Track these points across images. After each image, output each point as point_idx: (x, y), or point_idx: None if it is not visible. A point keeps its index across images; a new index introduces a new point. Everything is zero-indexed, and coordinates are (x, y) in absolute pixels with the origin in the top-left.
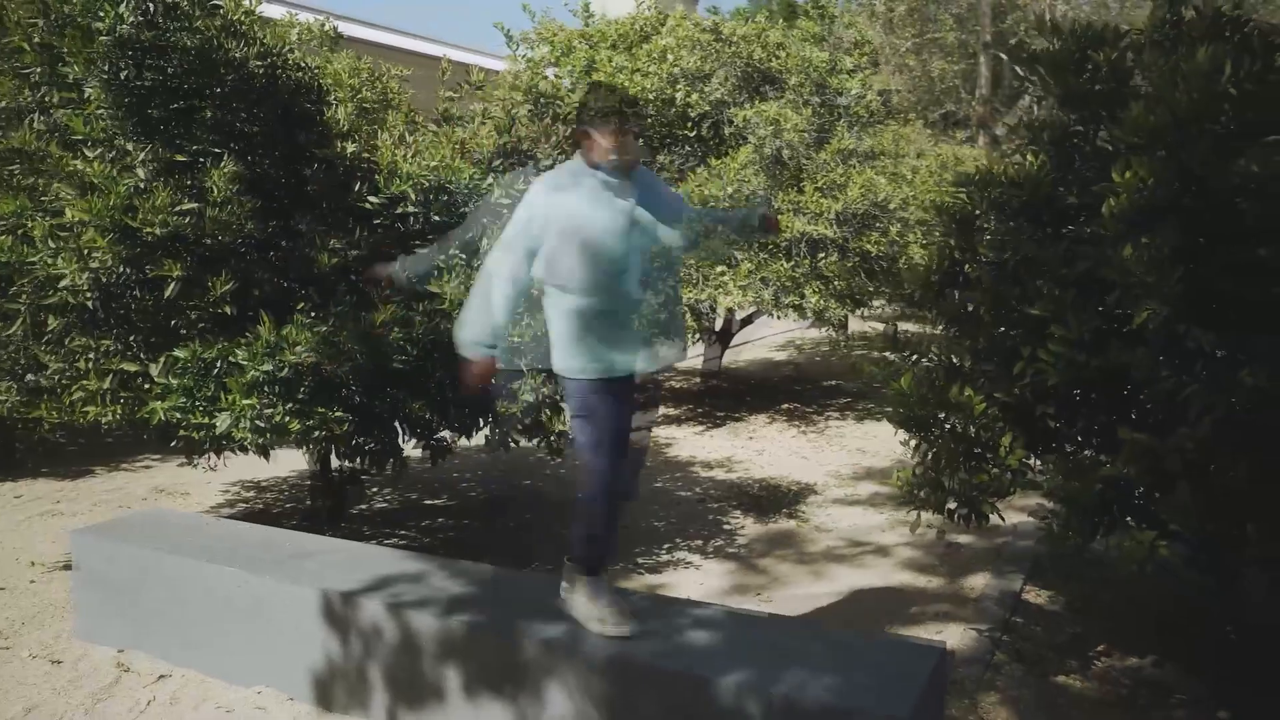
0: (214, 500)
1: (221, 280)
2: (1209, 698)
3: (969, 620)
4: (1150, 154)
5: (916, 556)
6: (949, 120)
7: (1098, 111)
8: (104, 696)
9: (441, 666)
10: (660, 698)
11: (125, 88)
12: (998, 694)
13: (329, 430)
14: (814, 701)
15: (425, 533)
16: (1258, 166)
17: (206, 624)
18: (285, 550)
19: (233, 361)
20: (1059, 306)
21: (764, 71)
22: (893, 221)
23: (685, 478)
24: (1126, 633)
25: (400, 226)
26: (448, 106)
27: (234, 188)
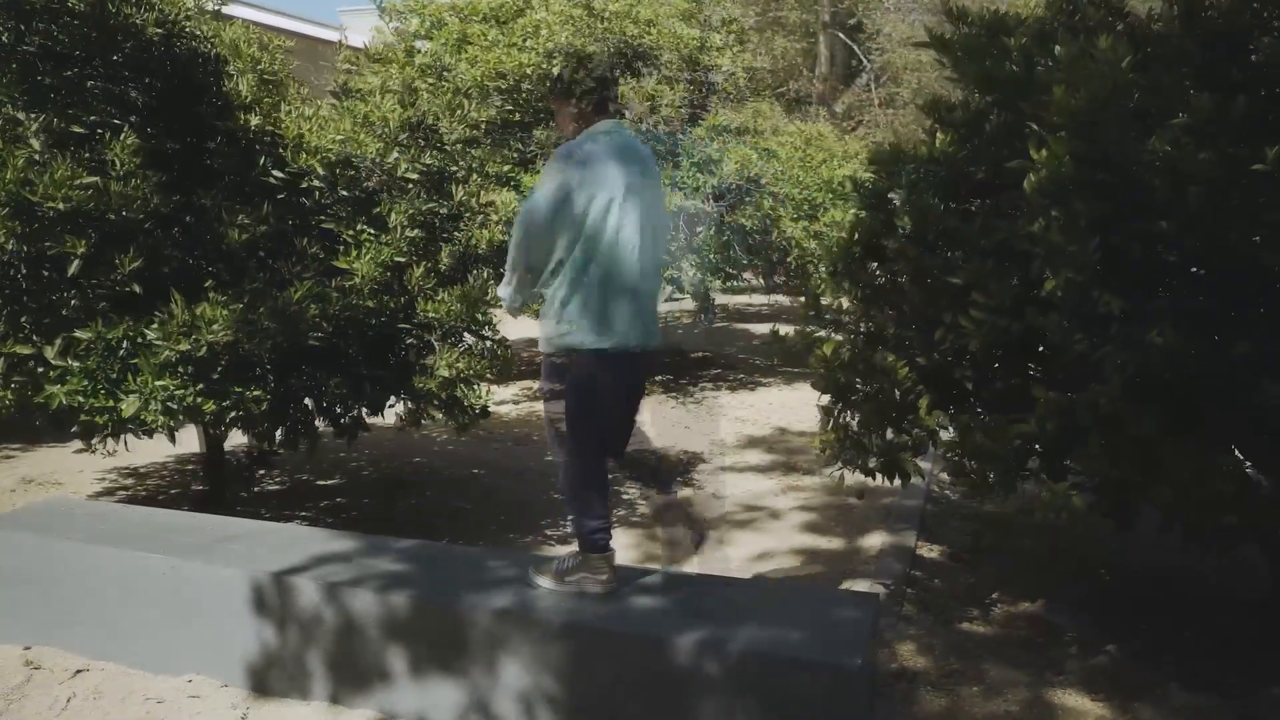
0: (91, 489)
1: (130, 258)
2: (1095, 635)
3: (873, 576)
4: (1069, 133)
5: (812, 519)
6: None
7: (1009, 94)
8: (16, 696)
9: (384, 644)
10: (616, 661)
11: (10, 51)
12: (913, 642)
13: (245, 410)
14: (769, 655)
15: (327, 513)
16: (1169, 146)
17: (127, 614)
18: (209, 534)
19: (141, 342)
20: (980, 275)
21: (636, 48)
22: (765, 196)
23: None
24: (1013, 580)
25: (305, 201)
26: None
27: (137, 160)
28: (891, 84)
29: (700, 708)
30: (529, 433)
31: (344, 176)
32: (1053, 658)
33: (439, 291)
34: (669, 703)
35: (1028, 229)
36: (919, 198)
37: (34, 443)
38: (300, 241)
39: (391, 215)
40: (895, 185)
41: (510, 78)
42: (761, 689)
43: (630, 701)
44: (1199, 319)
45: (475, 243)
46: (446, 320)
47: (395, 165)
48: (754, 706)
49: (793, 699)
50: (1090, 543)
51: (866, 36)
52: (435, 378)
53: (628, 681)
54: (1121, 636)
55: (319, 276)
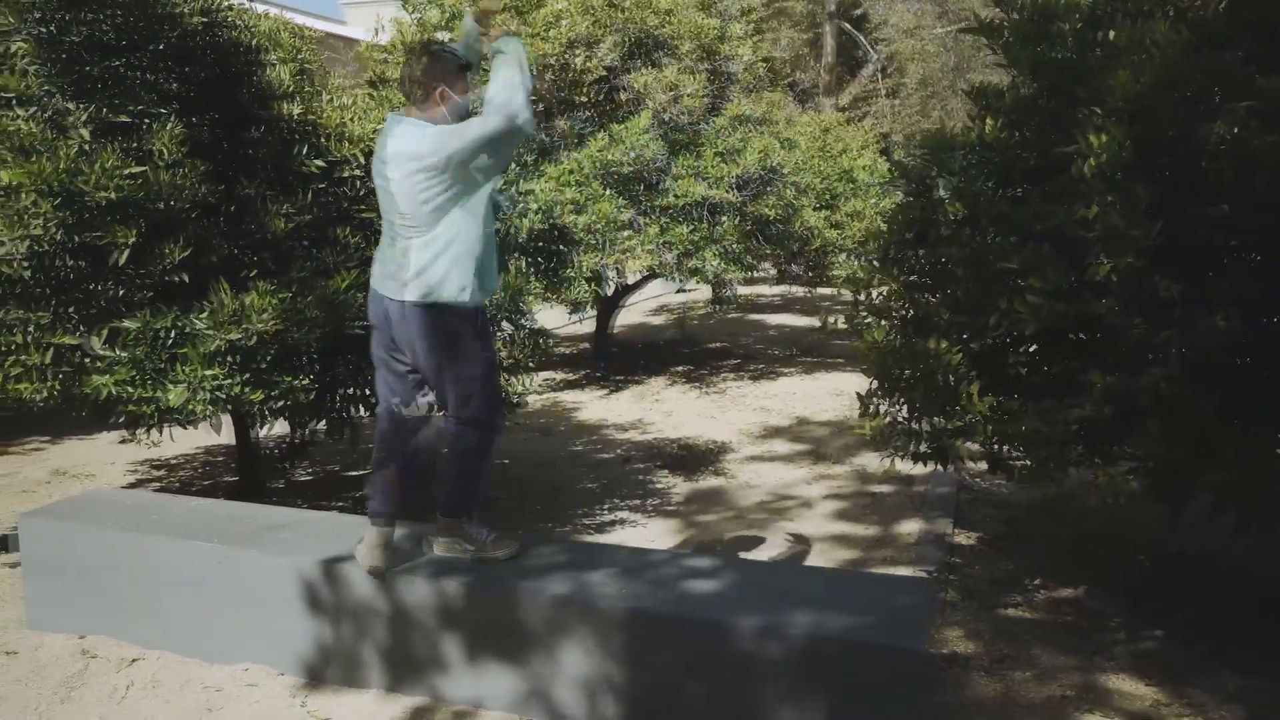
0: (123, 480)
1: (178, 247)
2: (1139, 620)
3: (913, 562)
4: (1129, 117)
5: (845, 507)
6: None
7: (1062, 79)
8: (77, 684)
9: (438, 631)
10: (680, 647)
11: (58, 42)
12: (959, 628)
13: (293, 399)
14: (835, 639)
15: (360, 503)
16: (1238, 128)
17: (178, 603)
18: (256, 524)
19: (188, 332)
20: (1036, 260)
21: (655, 37)
22: (786, 186)
23: (601, 440)
24: (1051, 566)
25: (344, 190)
26: (383, 69)
27: (183, 150)
28: (898, 74)
29: (764, 692)
30: (554, 423)
31: None
32: (1100, 642)
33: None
34: (732, 688)
35: (1083, 214)
36: (970, 183)
37: (62, 435)
38: (340, 231)
39: None
40: (944, 171)
41: (532, 68)
42: (826, 672)
43: (693, 687)
44: (1260, 303)
45: (516, 231)
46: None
47: None
48: (819, 690)
49: (858, 683)
50: (1124, 527)
51: (872, 26)
52: None
53: (690, 667)
54: (1167, 621)
55: (361, 266)
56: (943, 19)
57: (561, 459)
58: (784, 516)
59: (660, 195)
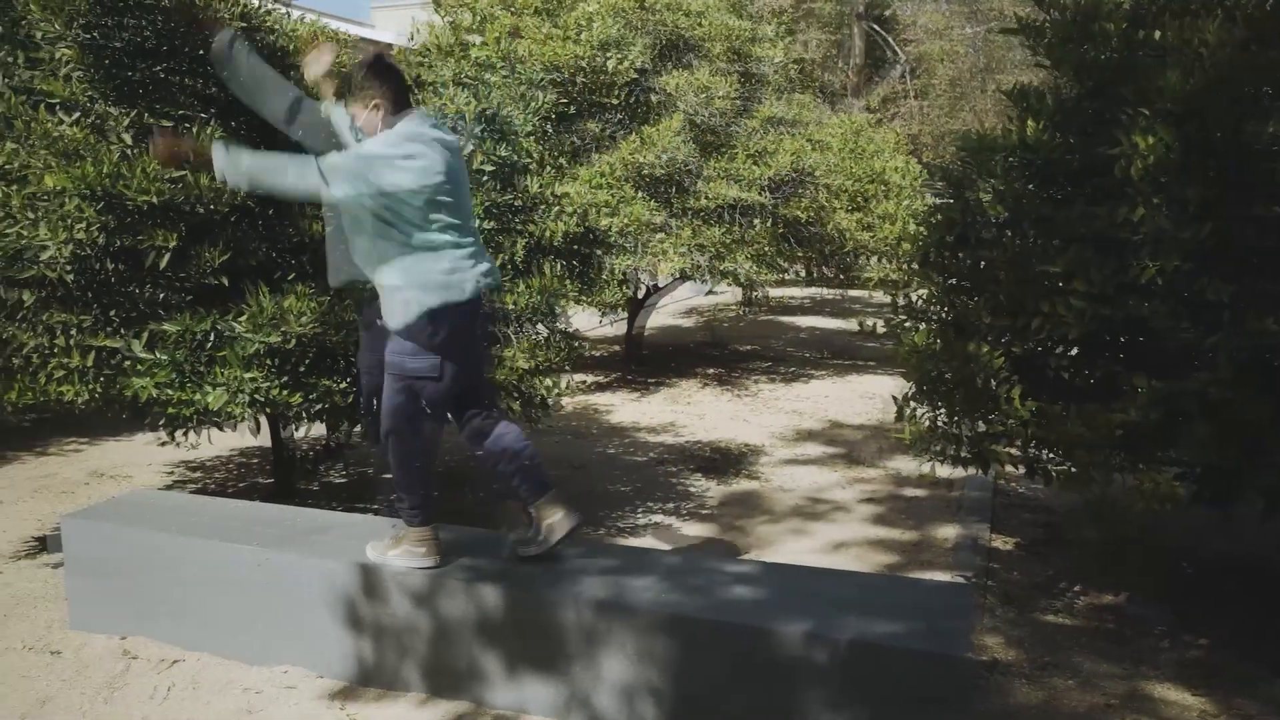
0: (160, 482)
1: (217, 251)
2: (1182, 627)
3: (950, 567)
4: (1177, 117)
5: (880, 511)
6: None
7: (1106, 80)
8: (119, 685)
9: (479, 636)
10: (721, 652)
11: (102, 48)
12: (999, 634)
13: (331, 402)
14: (878, 645)
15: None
16: None
17: (219, 605)
18: (297, 526)
19: (228, 335)
20: (1080, 263)
21: (686, 39)
22: (818, 188)
23: (633, 443)
24: (1090, 572)
25: None
26: (420, 71)
27: None
28: (926, 75)
29: (807, 698)
30: (584, 426)
31: None
32: (1143, 650)
33: (515, 283)
34: (773, 694)
35: (1128, 216)
36: (1013, 186)
37: (100, 436)
38: None
39: None
40: (985, 173)
41: (563, 70)
42: (868, 679)
43: (735, 693)
44: None
45: (550, 235)
46: (522, 312)
47: (470, 157)
48: (860, 697)
49: (899, 689)
50: (1163, 533)
51: (901, 27)
52: (515, 370)
53: (731, 672)
54: (1210, 628)
55: None
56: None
57: (594, 462)
58: (819, 520)
59: (692, 198)
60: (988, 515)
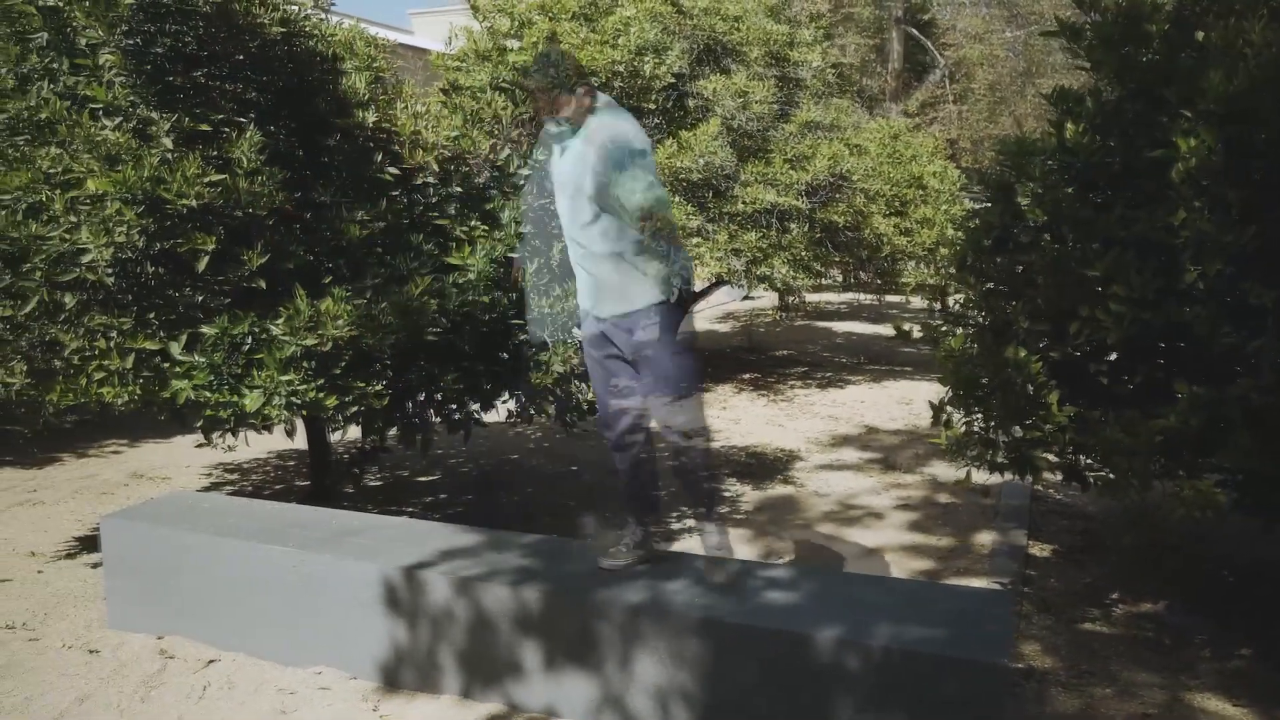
0: (198, 484)
1: (255, 253)
2: (1224, 636)
3: (987, 574)
4: (1221, 119)
5: (917, 519)
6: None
7: (1149, 82)
8: (156, 684)
9: (513, 638)
10: (756, 658)
11: (144, 54)
12: (1037, 642)
13: (367, 405)
14: (915, 652)
15: (430, 509)
16: None
17: (255, 606)
18: (332, 528)
19: (265, 337)
20: (1120, 267)
21: (724, 44)
22: (856, 193)
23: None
24: (1129, 579)
25: (419, 197)
26: (457, 76)
27: (261, 158)
28: (965, 79)
29: (841, 704)
30: None
31: (457, 173)
32: (1184, 659)
33: (552, 286)
34: (809, 699)
35: (1169, 219)
36: (1052, 189)
37: (139, 438)
38: (415, 238)
39: (504, 211)
40: (1025, 177)
41: (601, 74)
42: (905, 686)
43: (769, 698)
44: None
45: None
46: (560, 315)
47: (507, 161)
48: (897, 704)
49: (937, 697)
50: (1204, 541)
51: (940, 32)
52: (550, 374)
53: (767, 678)
54: (1251, 638)
55: (435, 273)
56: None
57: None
58: (855, 526)
59: (729, 202)
60: (1025, 522)
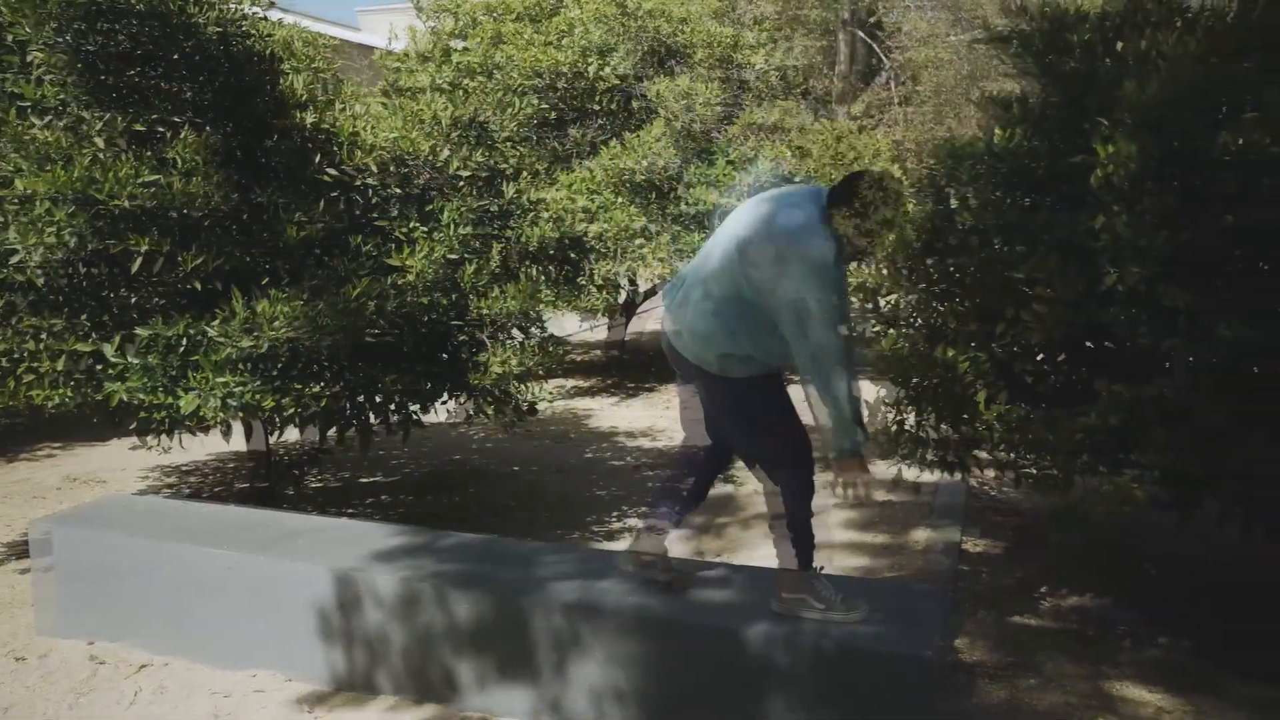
0: (135, 487)
1: (191, 255)
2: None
3: (922, 570)
4: (1137, 128)
5: (854, 516)
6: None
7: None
8: (85, 690)
9: (451, 639)
10: (692, 656)
11: (76, 52)
12: (968, 636)
13: (304, 407)
14: (845, 647)
15: (374, 510)
16: (1241, 139)
17: (190, 609)
18: (271, 530)
19: (201, 339)
20: (1044, 269)
21: (669, 46)
22: None
23: (613, 447)
24: (1059, 574)
25: (358, 199)
26: (396, 77)
27: (198, 158)
28: (911, 82)
29: (774, 699)
30: (566, 430)
31: (397, 174)
32: (1107, 650)
33: (492, 288)
34: (743, 694)
35: (1091, 223)
36: (981, 193)
37: (75, 441)
38: (355, 239)
39: (444, 213)
40: (955, 180)
41: (546, 76)
42: (835, 680)
43: (704, 694)
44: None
45: (526, 240)
46: (499, 317)
47: (447, 163)
48: (828, 697)
49: (866, 690)
50: (1133, 536)
51: (886, 34)
52: (489, 374)
53: (701, 674)
54: (1174, 629)
55: (375, 274)
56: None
57: (573, 466)
58: None
59: (673, 203)
60: (961, 519)
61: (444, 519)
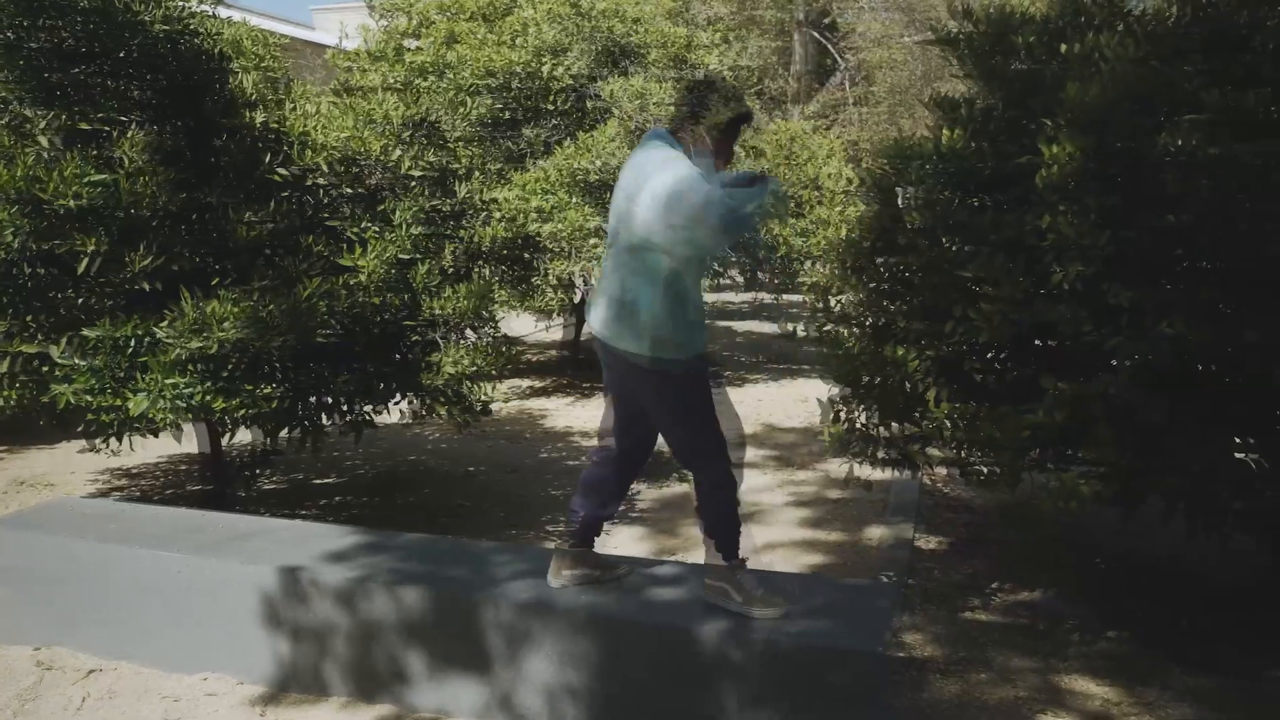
0: (85, 490)
1: (139, 256)
2: (1096, 622)
3: (876, 567)
4: (1079, 129)
5: (811, 513)
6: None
7: (1017, 91)
8: (30, 697)
9: (403, 639)
10: (644, 654)
11: (18, 48)
12: (919, 631)
13: (256, 408)
14: (794, 643)
15: (327, 511)
16: (1181, 140)
17: (140, 613)
18: (221, 532)
19: (150, 340)
20: (991, 268)
21: (623, 46)
22: None
23: (568, 447)
24: (1011, 569)
25: (310, 199)
26: (347, 77)
27: (145, 158)
28: (865, 82)
29: (726, 696)
30: (520, 430)
31: (348, 174)
32: (1057, 644)
33: (445, 288)
34: (694, 692)
35: (1037, 223)
36: (929, 193)
37: (23, 445)
38: (306, 239)
39: (396, 213)
40: (904, 181)
41: (500, 75)
42: (787, 676)
43: (655, 692)
44: (1207, 310)
45: (479, 240)
46: (452, 317)
47: (399, 163)
48: (780, 693)
49: (817, 685)
50: (1083, 532)
51: (841, 35)
52: (442, 374)
53: (653, 672)
54: (1122, 623)
55: (326, 274)
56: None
57: (528, 466)
58: (749, 522)
59: None
60: (914, 516)
61: (398, 520)
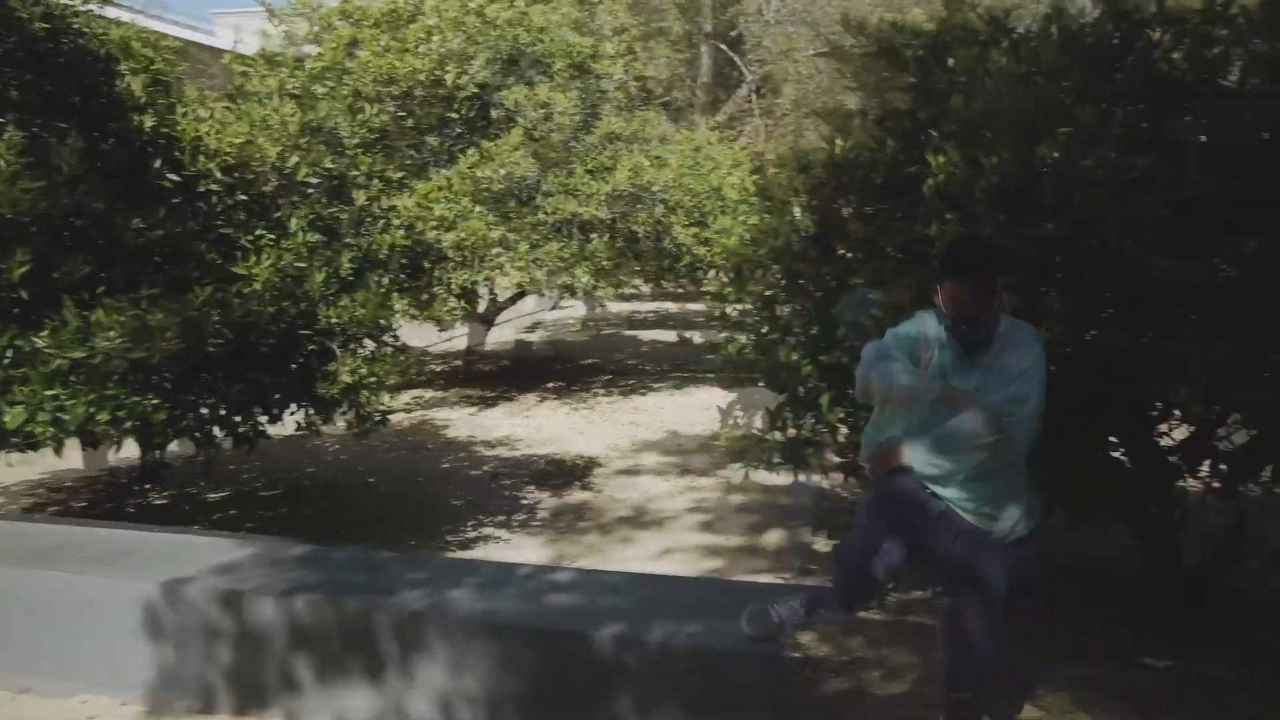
0: None
1: (15, 263)
2: None
3: (773, 569)
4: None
5: (710, 518)
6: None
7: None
8: None
9: (291, 651)
10: (538, 658)
11: None
12: (814, 631)
13: (143, 420)
14: (689, 646)
15: (223, 525)
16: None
17: (16, 634)
18: (104, 547)
19: (28, 350)
20: (879, 275)
21: (528, 55)
22: (656, 203)
23: (470, 456)
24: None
25: (202, 205)
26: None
27: (22, 161)
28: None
29: (621, 700)
30: (421, 441)
31: (242, 181)
32: None
33: (341, 297)
34: (589, 696)
35: (924, 231)
36: (822, 202)
37: None
38: (198, 246)
39: (291, 220)
40: (795, 190)
41: (402, 82)
42: (682, 679)
43: (551, 696)
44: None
45: (377, 247)
46: (348, 326)
47: (295, 169)
48: (675, 696)
49: (713, 687)
50: None
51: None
52: (338, 384)
53: (548, 677)
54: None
55: (218, 282)
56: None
57: (429, 476)
58: (649, 528)
59: (532, 212)
60: (812, 518)
61: (296, 532)
